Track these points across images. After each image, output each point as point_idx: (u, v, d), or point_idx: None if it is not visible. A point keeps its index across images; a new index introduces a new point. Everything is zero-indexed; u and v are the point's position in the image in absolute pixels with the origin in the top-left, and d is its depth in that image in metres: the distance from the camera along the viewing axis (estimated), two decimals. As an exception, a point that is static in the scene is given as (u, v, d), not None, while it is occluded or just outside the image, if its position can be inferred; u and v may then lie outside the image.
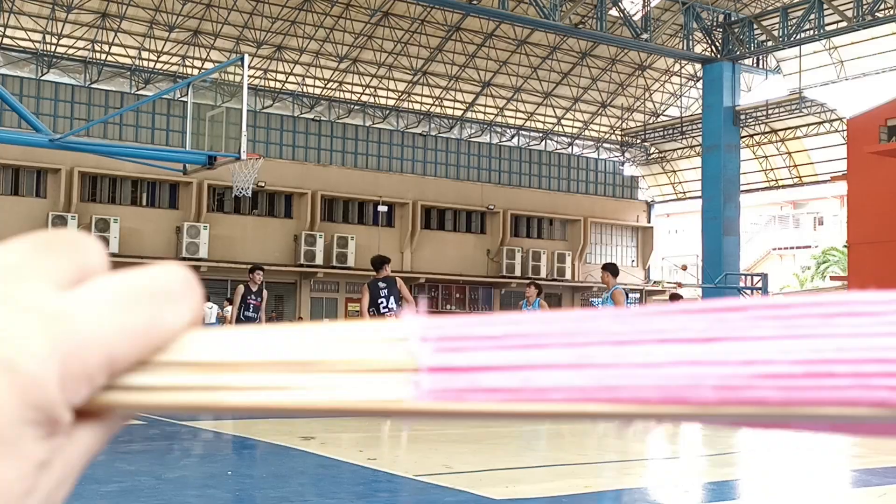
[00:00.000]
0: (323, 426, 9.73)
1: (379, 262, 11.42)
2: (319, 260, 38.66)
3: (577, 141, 49.08)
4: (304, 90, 41.52)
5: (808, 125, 43.49)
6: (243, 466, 6.64)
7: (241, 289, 14.47)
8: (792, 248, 63.46)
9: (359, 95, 42.27)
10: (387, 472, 6.33)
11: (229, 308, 25.77)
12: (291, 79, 40.70)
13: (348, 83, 41.68)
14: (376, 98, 42.95)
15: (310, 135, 41.47)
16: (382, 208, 40.98)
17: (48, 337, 0.22)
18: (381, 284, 10.96)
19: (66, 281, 0.26)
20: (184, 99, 17.29)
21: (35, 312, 0.22)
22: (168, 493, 5.52)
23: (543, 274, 44.74)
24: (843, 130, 40.54)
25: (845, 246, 40.23)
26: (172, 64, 38.27)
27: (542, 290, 13.59)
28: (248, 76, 14.00)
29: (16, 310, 0.22)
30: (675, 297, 17.34)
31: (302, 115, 41.38)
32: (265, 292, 14.46)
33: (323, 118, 41.82)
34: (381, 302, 10.80)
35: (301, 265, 38.62)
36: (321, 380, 0.27)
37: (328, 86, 41.56)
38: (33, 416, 0.21)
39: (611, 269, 11.66)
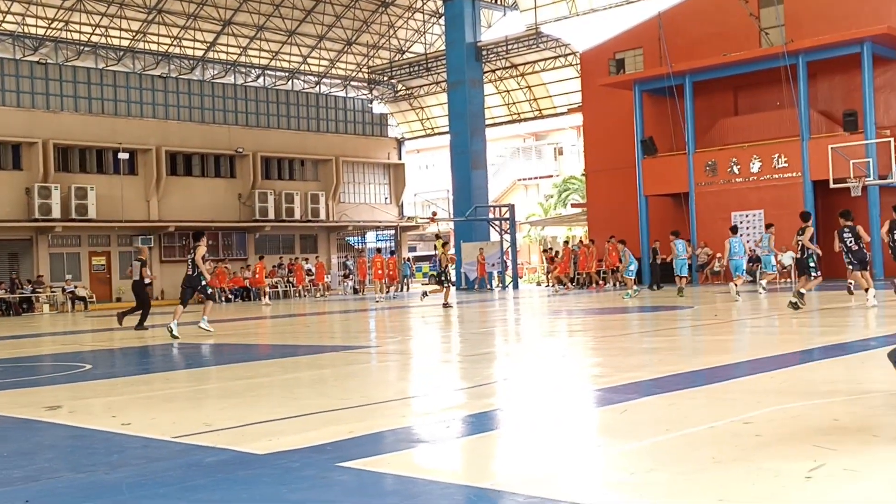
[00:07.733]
0: (70, 393, 9.15)
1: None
2: (57, 213, 36.29)
3: (324, 80, 48.67)
4: (26, 30, 38.35)
5: (545, 59, 45.40)
6: (-19, 447, 6.11)
7: None
8: (536, 178, 66.51)
9: (88, 36, 39.58)
10: (143, 436, 6.06)
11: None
12: (10, 17, 37.43)
13: (75, 22, 38.89)
14: (108, 38, 40.41)
15: (36, 79, 38.46)
16: (123, 155, 39.02)
17: None
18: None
19: None
20: None
21: None
22: None
23: (298, 216, 44.40)
24: (577, 64, 42.68)
25: (583, 174, 42.59)
26: None
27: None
28: (-43, 17, 12.66)
29: None
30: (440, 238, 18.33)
31: (25, 58, 38.27)
32: None
33: (49, 61, 38.88)
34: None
35: (36, 220, 36.07)
36: None
37: (53, 25, 38.59)
38: None
39: None
